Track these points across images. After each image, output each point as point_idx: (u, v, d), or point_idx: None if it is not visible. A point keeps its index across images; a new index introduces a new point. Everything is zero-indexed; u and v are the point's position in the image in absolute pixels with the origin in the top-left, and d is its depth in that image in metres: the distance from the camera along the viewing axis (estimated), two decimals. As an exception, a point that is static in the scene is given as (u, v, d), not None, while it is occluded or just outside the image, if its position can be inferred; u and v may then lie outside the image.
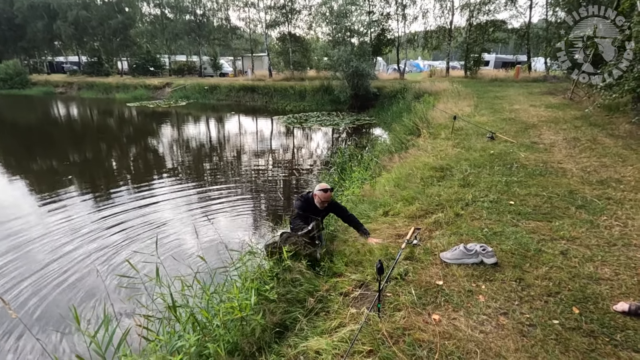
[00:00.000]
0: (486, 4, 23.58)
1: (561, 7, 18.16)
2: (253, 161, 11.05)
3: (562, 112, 9.10)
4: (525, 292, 2.27)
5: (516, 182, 4.25)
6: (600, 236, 2.93)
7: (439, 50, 28.45)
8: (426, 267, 2.67)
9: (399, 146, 7.41)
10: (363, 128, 15.89)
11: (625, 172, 4.43)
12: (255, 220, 6.58)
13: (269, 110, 22.30)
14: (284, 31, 28.97)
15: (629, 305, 2.01)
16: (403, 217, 3.76)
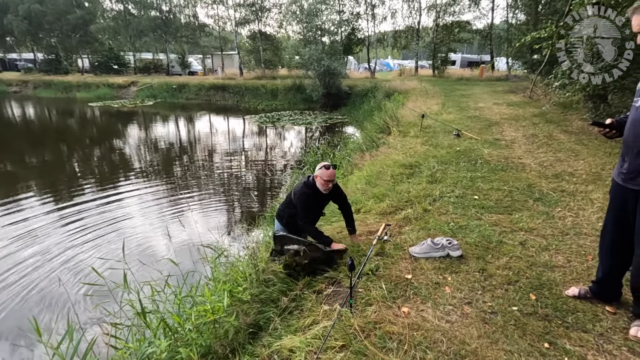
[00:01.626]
0: (451, 5, 24.39)
1: (520, 10, 19.12)
2: (225, 161, 10.87)
3: (522, 109, 9.60)
4: (487, 282, 2.40)
5: (480, 178, 4.46)
6: (555, 226, 3.13)
7: (408, 49, 29.16)
8: (396, 262, 2.76)
9: (370, 144, 7.55)
10: (336, 127, 16.03)
11: (578, 166, 4.75)
12: (229, 220, 6.50)
13: (240, 109, 21.99)
14: (255, 29, 28.66)
15: (579, 289, 2.18)
16: (374, 213, 3.85)
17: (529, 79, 15.11)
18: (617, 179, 1.89)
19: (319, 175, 2.86)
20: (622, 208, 1.88)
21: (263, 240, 4.76)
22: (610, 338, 1.86)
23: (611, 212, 1.98)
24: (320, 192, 2.93)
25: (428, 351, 1.84)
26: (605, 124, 1.89)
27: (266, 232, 4.90)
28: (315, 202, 2.99)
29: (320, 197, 2.99)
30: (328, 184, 2.88)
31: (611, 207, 1.98)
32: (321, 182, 2.87)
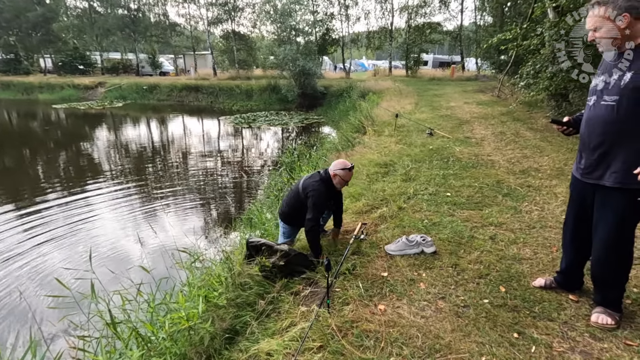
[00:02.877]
0: (422, 7, 24.97)
1: (487, 12, 19.83)
2: (201, 163, 10.64)
3: (491, 108, 9.96)
4: (460, 277, 2.47)
5: (452, 175, 4.59)
6: (522, 220, 3.27)
7: (382, 50, 29.59)
8: (372, 260, 2.79)
9: (346, 144, 7.60)
10: (312, 127, 16.03)
11: (543, 162, 4.98)
12: (205, 224, 6.37)
13: (214, 110, 21.59)
14: (228, 29, 28.23)
15: (545, 280, 2.28)
16: (351, 213, 3.88)
17: (497, 78, 15.71)
18: (576, 174, 1.96)
19: (340, 175, 2.91)
20: (582, 202, 1.97)
21: (240, 243, 4.70)
22: (574, 325, 1.96)
23: (572, 206, 2.07)
24: (332, 190, 2.98)
25: (404, 347, 1.87)
26: (564, 122, 1.98)
27: (243, 235, 4.83)
28: (327, 200, 3.00)
29: (330, 195, 3.01)
30: (344, 183, 2.98)
31: (571, 202, 2.07)
32: (340, 181, 2.94)
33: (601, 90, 1.73)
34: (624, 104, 1.66)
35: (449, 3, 25.35)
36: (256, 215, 5.05)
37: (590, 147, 1.80)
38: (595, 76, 1.84)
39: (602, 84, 1.73)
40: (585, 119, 1.85)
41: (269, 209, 5.15)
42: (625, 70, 1.66)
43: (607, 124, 1.72)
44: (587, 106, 1.85)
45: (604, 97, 1.71)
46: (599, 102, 1.73)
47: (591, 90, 1.82)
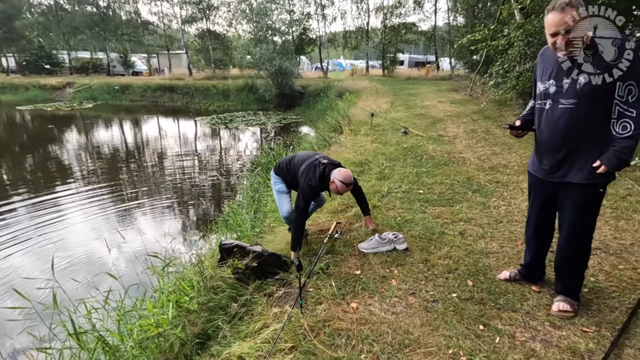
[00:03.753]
0: (397, 7, 25.35)
1: (459, 13, 20.36)
2: (177, 165, 10.39)
3: (463, 107, 10.23)
4: (430, 272, 2.53)
5: (425, 173, 4.68)
6: (490, 215, 3.38)
7: (359, 50, 29.85)
8: (346, 258, 2.81)
9: (323, 144, 7.62)
10: (290, 127, 15.97)
11: (511, 159, 5.16)
12: (180, 227, 6.23)
13: (190, 110, 21.14)
14: (203, 28, 27.71)
15: (509, 273, 2.36)
16: (326, 212, 3.89)
17: (469, 78, 16.15)
18: (537, 174, 2.01)
19: (337, 185, 2.77)
20: (543, 200, 2.05)
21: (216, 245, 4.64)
22: (535, 315, 2.04)
23: (534, 204, 2.14)
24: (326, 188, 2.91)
25: (374, 344, 1.90)
26: (517, 126, 2.02)
27: (218, 237, 4.76)
28: (316, 196, 3.00)
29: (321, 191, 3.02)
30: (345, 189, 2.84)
31: (535, 200, 2.13)
32: (335, 189, 2.81)
33: (555, 94, 1.79)
34: (582, 106, 1.73)
35: (423, 4, 25.91)
36: (232, 217, 4.99)
37: (553, 149, 1.86)
38: (540, 81, 1.88)
39: (554, 87, 1.79)
40: (543, 122, 1.88)
41: (245, 211, 5.08)
42: (577, 74, 1.71)
43: (568, 126, 1.78)
44: (540, 110, 1.90)
45: (560, 100, 1.77)
46: (557, 106, 1.79)
47: (542, 94, 1.87)
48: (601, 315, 2.00)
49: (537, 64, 1.97)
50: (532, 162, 2.09)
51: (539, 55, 1.95)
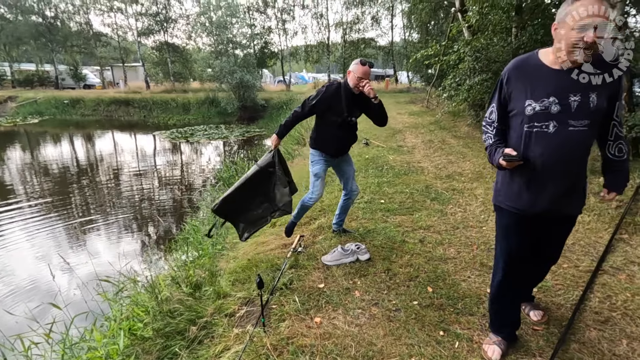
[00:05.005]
0: (356, 23, 26.24)
1: (413, 30, 21.45)
2: (134, 181, 9.88)
3: (421, 118, 10.68)
4: (392, 281, 2.56)
5: (386, 182, 4.80)
6: (448, 222, 3.51)
7: (320, 63, 30.41)
8: (309, 272, 2.78)
9: (286, 156, 7.60)
10: (254, 139, 15.82)
11: (465, 167, 5.43)
12: (138, 247, 5.89)
13: (148, 125, 20.34)
14: (161, 40, 26.97)
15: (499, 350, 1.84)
16: (290, 226, 3.85)
17: (425, 90, 16.94)
18: (526, 211, 1.62)
19: (352, 71, 2.64)
20: (532, 241, 1.73)
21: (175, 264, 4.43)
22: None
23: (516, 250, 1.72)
24: (349, 91, 2.71)
25: (338, 358, 1.87)
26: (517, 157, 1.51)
27: (179, 256, 4.55)
28: (336, 100, 2.74)
29: (347, 96, 2.73)
30: (361, 81, 2.62)
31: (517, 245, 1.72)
32: (353, 78, 2.64)
33: (561, 114, 1.45)
34: (593, 128, 1.48)
35: (380, 21, 27.03)
36: (192, 235, 4.80)
37: (561, 178, 1.53)
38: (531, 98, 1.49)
39: (557, 106, 1.45)
40: (545, 148, 1.50)
41: (206, 227, 4.91)
42: (589, 90, 1.43)
43: (580, 151, 1.51)
44: (539, 133, 1.50)
45: (570, 122, 1.45)
46: (566, 128, 1.45)
47: (539, 115, 1.48)
48: (549, 313, 2.12)
49: (509, 80, 1.57)
50: (510, 198, 1.66)
51: (512, 68, 1.57)
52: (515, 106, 1.56)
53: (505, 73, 1.60)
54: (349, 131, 2.90)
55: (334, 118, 2.80)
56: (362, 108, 2.84)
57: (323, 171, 3.02)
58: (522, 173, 1.58)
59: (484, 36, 7.32)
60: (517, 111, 1.55)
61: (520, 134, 1.56)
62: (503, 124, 1.65)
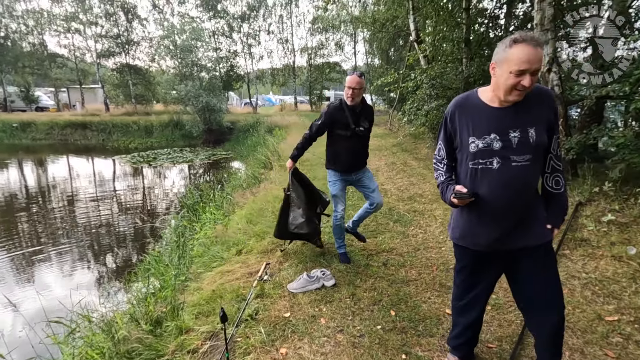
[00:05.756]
0: (321, 48, 27.13)
1: (375, 56, 22.51)
2: (91, 209, 9.34)
3: (384, 140, 11.09)
4: (357, 306, 2.61)
5: (351, 206, 4.88)
6: (410, 244, 3.65)
7: (287, 86, 30.93)
8: (275, 301, 2.77)
9: (253, 181, 7.58)
10: (220, 162, 15.60)
11: (425, 188, 5.69)
12: (95, 280, 5.55)
13: (107, 149, 19.50)
14: (122, 62, 26.30)
15: None
16: (256, 253, 3.83)
17: (388, 113, 17.67)
18: (480, 248, 1.66)
19: (346, 84, 2.79)
20: (495, 276, 1.79)
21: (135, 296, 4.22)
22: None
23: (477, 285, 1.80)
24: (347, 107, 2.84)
25: (303, 390, 1.87)
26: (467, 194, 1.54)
27: (139, 288, 4.34)
28: (340, 114, 2.88)
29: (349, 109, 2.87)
30: (351, 91, 2.77)
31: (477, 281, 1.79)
32: (347, 91, 2.79)
33: (503, 150, 1.49)
34: (536, 162, 1.53)
35: (344, 46, 28.13)
36: (154, 266, 4.61)
37: (508, 213, 1.55)
38: (474, 135, 1.54)
39: (499, 143, 1.50)
40: (488, 184, 1.54)
41: (168, 258, 4.74)
42: (527, 125, 1.48)
43: (525, 185, 1.53)
44: (483, 170, 1.54)
45: (512, 157, 1.49)
46: (509, 164, 1.49)
47: (481, 152, 1.53)
48: (502, 330, 2.25)
49: (452, 118, 1.62)
50: (464, 234, 1.69)
51: (455, 106, 1.62)
52: (459, 143, 1.61)
53: (448, 111, 1.65)
54: (360, 143, 3.01)
55: (342, 132, 2.92)
56: (369, 119, 2.99)
57: (340, 190, 3.11)
58: (472, 209, 1.60)
59: (438, 65, 7.85)
60: (462, 148, 1.60)
61: (466, 171, 1.60)
62: (452, 160, 1.69)
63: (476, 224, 1.62)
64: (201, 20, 26.78)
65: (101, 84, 26.51)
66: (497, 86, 1.48)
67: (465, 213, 1.66)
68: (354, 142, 2.94)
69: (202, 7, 26.49)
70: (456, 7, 8.07)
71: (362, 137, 2.97)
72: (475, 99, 1.59)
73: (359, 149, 3.01)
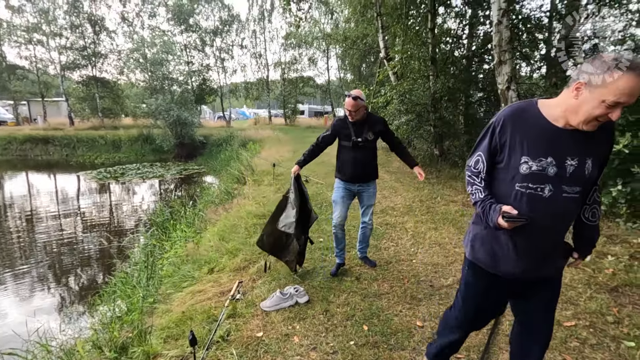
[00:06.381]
0: (294, 63, 27.47)
1: (347, 71, 23.05)
2: (52, 228, 8.83)
3: (357, 154, 11.27)
4: (330, 322, 2.62)
5: (324, 220, 4.94)
6: (382, 257, 3.71)
7: (261, 100, 30.95)
8: (248, 320, 2.72)
9: (226, 197, 7.47)
10: (192, 177, 15.27)
11: (397, 201, 5.82)
12: (56, 304, 5.22)
13: (71, 164, 18.62)
14: (88, 74, 25.42)
15: None
16: (228, 271, 3.76)
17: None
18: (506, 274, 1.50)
19: (345, 102, 3.02)
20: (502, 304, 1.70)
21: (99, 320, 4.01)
22: (420, 350, 2.27)
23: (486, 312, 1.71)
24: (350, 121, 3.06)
25: (276, 412, 1.85)
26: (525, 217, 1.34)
27: (104, 312, 4.13)
28: (343, 127, 3.09)
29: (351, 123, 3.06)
30: (348, 112, 2.99)
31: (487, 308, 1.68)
32: (346, 111, 3.04)
33: (556, 178, 1.33)
34: (583, 196, 1.41)
35: (317, 61, 28.62)
36: (120, 288, 4.42)
37: (546, 243, 1.42)
38: (528, 155, 1.34)
39: (554, 169, 1.32)
40: (540, 210, 1.36)
41: (136, 279, 4.55)
42: (585, 155, 1.32)
43: (570, 218, 1.43)
44: (533, 196, 1.35)
45: (563, 187, 1.33)
46: (560, 195, 1.34)
47: (534, 176, 1.34)
48: (469, 340, 2.32)
49: (503, 129, 1.39)
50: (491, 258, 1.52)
51: (508, 116, 1.39)
52: (507, 159, 1.40)
53: (498, 121, 1.41)
54: (362, 154, 3.09)
55: (345, 143, 3.11)
56: (374, 131, 3.09)
57: (340, 197, 3.22)
58: (510, 234, 1.43)
59: (407, 82, 8.16)
60: (510, 166, 1.39)
61: (509, 192, 1.40)
62: (489, 175, 1.49)
63: (510, 250, 1.45)
64: (172, 34, 26.53)
65: (65, 97, 25.43)
66: (575, 110, 1.26)
67: (502, 237, 1.46)
68: (356, 153, 3.08)
69: (173, 20, 26.26)
70: (422, 27, 8.47)
71: (364, 148, 3.07)
72: (536, 112, 1.37)
73: (361, 159, 3.09)
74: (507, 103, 5.26)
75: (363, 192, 3.23)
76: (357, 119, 3.01)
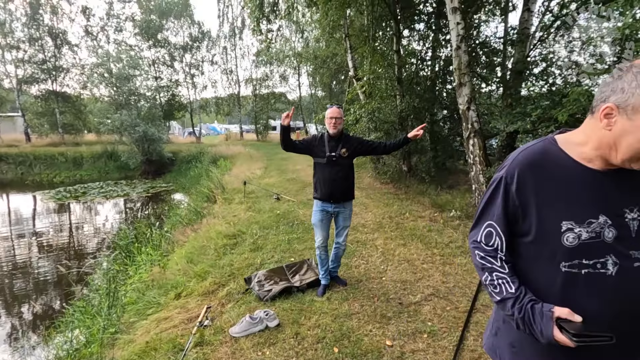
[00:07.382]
0: (265, 80, 27.65)
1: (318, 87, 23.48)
2: (3, 251, 8.19)
3: (329, 170, 11.39)
4: (300, 346, 2.59)
5: (296, 239, 4.93)
6: (352, 275, 3.74)
7: (232, 115, 30.75)
8: (216, 348, 2.64)
9: (194, 217, 7.28)
10: (160, 195, 14.77)
11: (367, 217, 5.92)
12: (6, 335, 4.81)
13: (27, 183, 17.50)
14: (48, 89, 24.26)
15: None
16: (196, 295, 3.64)
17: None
18: None
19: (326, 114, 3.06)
20: None
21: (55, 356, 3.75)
22: (389, 370, 2.29)
23: None
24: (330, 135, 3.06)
25: None
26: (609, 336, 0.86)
27: (59, 345, 3.86)
28: (318, 143, 3.10)
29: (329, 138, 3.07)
30: (333, 120, 3.00)
31: None
32: (327, 121, 3.04)
33: (618, 241, 0.93)
34: None
35: (288, 78, 28.96)
36: (78, 318, 4.15)
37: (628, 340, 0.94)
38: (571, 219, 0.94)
39: (612, 230, 0.93)
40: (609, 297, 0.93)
41: (96, 308, 4.30)
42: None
43: None
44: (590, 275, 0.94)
45: (633, 252, 0.93)
46: (631, 265, 0.93)
47: (591, 247, 0.93)
48: (436, 357, 2.38)
49: (521, 185, 0.99)
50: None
51: (525, 165, 1.00)
52: (536, 229, 0.98)
53: (512, 173, 1.01)
54: (336, 171, 3.07)
55: (319, 160, 3.12)
56: (348, 148, 3.09)
57: (319, 221, 3.26)
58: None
59: (375, 100, 8.43)
60: (542, 236, 0.98)
61: (552, 278, 0.97)
62: (510, 253, 1.06)
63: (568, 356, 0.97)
64: (140, 49, 25.99)
65: (22, 112, 24.05)
66: (612, 145, 0.91)
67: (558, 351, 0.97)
68: (330, 169, 3.08)
69: (140, 35, 25.79)
70: (388, 49, 8.84)
71: (338, 164, 3.07)
72: (560, 155, 0.99)
73: (335, 176, 3.08)
74: (468, 123, 5.55)
75: (339, 213, 3.26)
76: (338, 129, 3.05)
